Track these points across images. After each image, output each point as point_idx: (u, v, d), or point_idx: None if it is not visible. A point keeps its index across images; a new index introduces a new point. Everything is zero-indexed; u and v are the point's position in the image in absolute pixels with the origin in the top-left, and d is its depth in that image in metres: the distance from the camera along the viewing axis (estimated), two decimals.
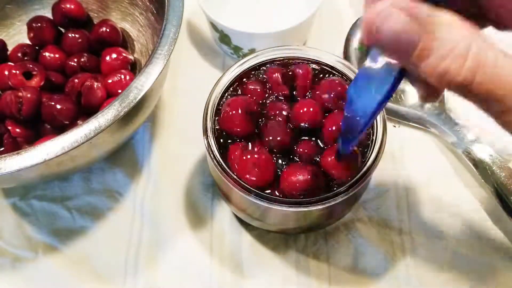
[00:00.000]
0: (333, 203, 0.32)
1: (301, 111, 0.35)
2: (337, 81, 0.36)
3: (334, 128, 0.34)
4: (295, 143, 0.35)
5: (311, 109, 0.35)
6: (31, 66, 0.44)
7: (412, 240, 0.41)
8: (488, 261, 0.40)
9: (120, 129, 0.38)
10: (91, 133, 0.34)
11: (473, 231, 0.41)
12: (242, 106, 0.35)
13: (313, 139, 0.35)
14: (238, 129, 0.35)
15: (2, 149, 0.42)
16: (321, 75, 0.38)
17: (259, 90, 0.37)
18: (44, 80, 0.45)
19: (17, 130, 0.42)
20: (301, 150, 0.34)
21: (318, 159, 0.34)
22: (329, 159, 0.33)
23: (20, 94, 0.43)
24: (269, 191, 0.33)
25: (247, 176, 0.33)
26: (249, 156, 0.33)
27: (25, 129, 0.43)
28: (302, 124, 0.35)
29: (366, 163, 0.33)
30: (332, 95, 0.35)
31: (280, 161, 0.34)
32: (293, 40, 0.48)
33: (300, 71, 0.37)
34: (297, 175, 0.32)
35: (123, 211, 0.44)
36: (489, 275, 0.39)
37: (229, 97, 0.37)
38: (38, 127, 0.44)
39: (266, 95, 0.37)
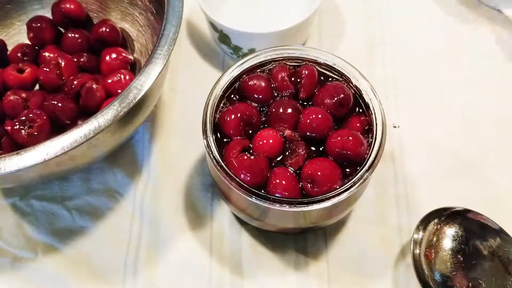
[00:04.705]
0: (332, 203, 0.32)
1: (309, 119, 0.35)
2: (340, 87, 0.37)
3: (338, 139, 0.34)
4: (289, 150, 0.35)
5: (320, 117, 0.35)
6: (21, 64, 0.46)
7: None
8: None
9: (120, 129, 0.38)
10: (90, 133, 0.34)
11: None
12: (240, 114, 0.35)
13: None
14: (232, 136, 0.35)
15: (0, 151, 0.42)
16: (322, 77, 0.38)
17: (264, 86, 0.37)
18: (35, 74, 0.45)
19: None
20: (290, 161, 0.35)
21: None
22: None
23: (24, 95, 0.44)
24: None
25: (242, 176, 0.33)
26: (245, 157, 0.33)
27: None
28: (309, 134, 0.35)
29: (366, 163, 0.33)
30: (335, 101, 0.36)
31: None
32: (293, 40, 0.48)
33: (306, 71, 0.37)
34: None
35: (123, 211, 0.44)
36: None
37: (229, 98, 0.38)
38: None
39: (271, 92, 0.37)
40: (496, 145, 0.46)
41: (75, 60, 0.46)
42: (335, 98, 0.36)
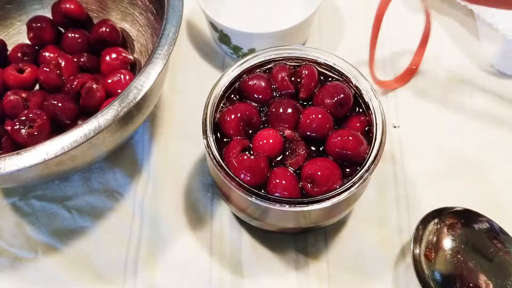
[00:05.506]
0: (332, 203, 0.32)
1: (309, 119, 0.35)
2: (340, 87, 0.36)
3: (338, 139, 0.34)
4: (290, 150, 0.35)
5: (320, 117, 0.35)
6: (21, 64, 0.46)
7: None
8: None
9: (120, 129, 0.38)
10: (90, 133, 0.34)
11: None
12: (240, 114, 0.35)
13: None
14: (232, 136, 0.35)
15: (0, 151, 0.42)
16: (322, 77, 0.38)
17: (264, 86, 0.37)
18: (35, 74, 0.46)
19: None
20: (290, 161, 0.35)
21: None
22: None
23: (24, 95, 0.44)
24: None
25: (242, 176, 0.33)
26: (245, 157, 0.33)
27: None
28: (309, 134, 0.35)
29: (366, 163, 0.33)
30: (335, 101, 0.36)
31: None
32: (293, 40, 0.48)
33: (306, 71, 0.37)
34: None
35: (123, 211, 0.44)
36: None
37: (229, 98, 0.38)
38: None
39: (271, 92, 0.37)
40: (496, 145, 0.46)
41: (75, 60, 0.46)
42: (335, 98, 0.36)
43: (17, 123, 0.40)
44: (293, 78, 0.38)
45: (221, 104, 0.37)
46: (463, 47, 0.52)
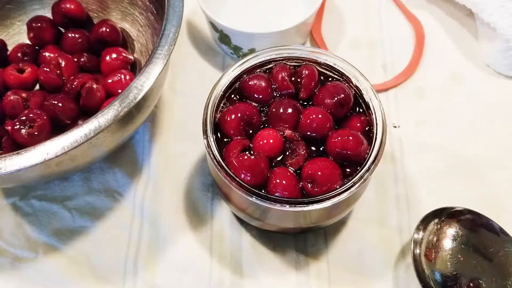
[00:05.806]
0: (333, 203, 0.32)
1: (309, 119, 0.35)
2: (340, 86, 0.37)
3: (338, 139, 0.34)
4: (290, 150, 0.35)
5: (320, 117, 0.35)
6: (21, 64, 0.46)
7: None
8: None
9: (120, 129, 0.38)
10: (91, 133, 0.34)
11: None
12: (240, 114, 0.35)
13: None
14: (232, 136, 0.35)
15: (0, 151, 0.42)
16: (322, 77, 0.38)
17: (264, 86, 0.37)
18: (35, 74, 0.46)
19: None
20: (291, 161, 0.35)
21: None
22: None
23: (24, 95, 0.44)
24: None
25: (242, 176, 0.33)
26: (245, 157, 0.33)
27: None
28: (309, 134, 0.35)
29: (366, 163, 0.33)
30: (335, 101, 0.36)
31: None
32: (293, 40, 0.48)
33: (307, 71, 0.37)
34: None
35: (123, 211, 0.44)
36: None
37: (229, 98, 0.38)
38: None
39: (271, 92, 0.37)
40: (496, 145, 0.46)
41: (75, 60, 0.46)
42: (335, 98, 0.36)
43: (17, 123, 0.40)
44: (293, 78, 0.38)
45: (222, 104, 0.37)
46: (463, 48, 0.52)
